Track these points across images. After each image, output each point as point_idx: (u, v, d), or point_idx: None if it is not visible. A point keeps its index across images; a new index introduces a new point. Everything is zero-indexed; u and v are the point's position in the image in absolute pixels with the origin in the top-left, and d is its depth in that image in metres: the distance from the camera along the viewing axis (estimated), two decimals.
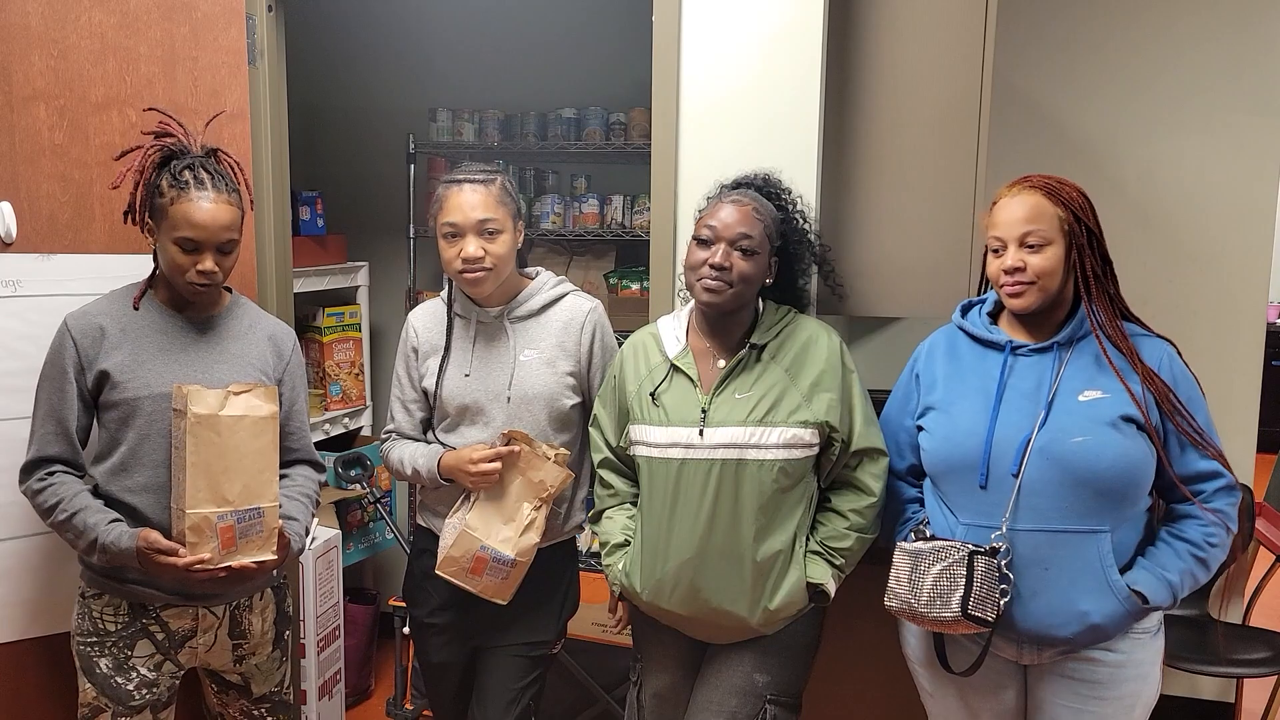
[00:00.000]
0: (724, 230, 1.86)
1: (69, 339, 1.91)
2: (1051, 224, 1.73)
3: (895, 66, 2.24)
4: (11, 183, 2.06)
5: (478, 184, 2.03)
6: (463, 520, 2.05)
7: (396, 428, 2.21)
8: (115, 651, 1.93)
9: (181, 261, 1.87)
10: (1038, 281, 1.74)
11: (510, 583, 2.06)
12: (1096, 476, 1.68)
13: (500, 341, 2.10)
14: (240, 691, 2.09)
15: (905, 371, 1.98)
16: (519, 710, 2.14)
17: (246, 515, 1.89)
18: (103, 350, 1.91)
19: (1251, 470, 3.09)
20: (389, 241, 3.71)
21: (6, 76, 2.05)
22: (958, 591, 1.71)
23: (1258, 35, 2.96)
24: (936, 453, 1.84)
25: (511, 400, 2.06)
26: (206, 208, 1.86)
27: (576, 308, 2.13)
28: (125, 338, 1.92)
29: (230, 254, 1.92)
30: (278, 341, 2.09)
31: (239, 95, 2.31)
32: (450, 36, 3.60)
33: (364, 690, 3.48)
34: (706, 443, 1.86)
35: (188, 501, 1.82)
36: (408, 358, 2.18)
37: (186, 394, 1.82)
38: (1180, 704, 3.20)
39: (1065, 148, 3.09)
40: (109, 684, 1.93)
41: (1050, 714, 1.80)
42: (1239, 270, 3.03)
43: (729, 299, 1.87)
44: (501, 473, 2.01)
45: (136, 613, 1.94)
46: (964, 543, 1.74)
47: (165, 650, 1.96)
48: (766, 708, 1.91)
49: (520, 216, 2.10)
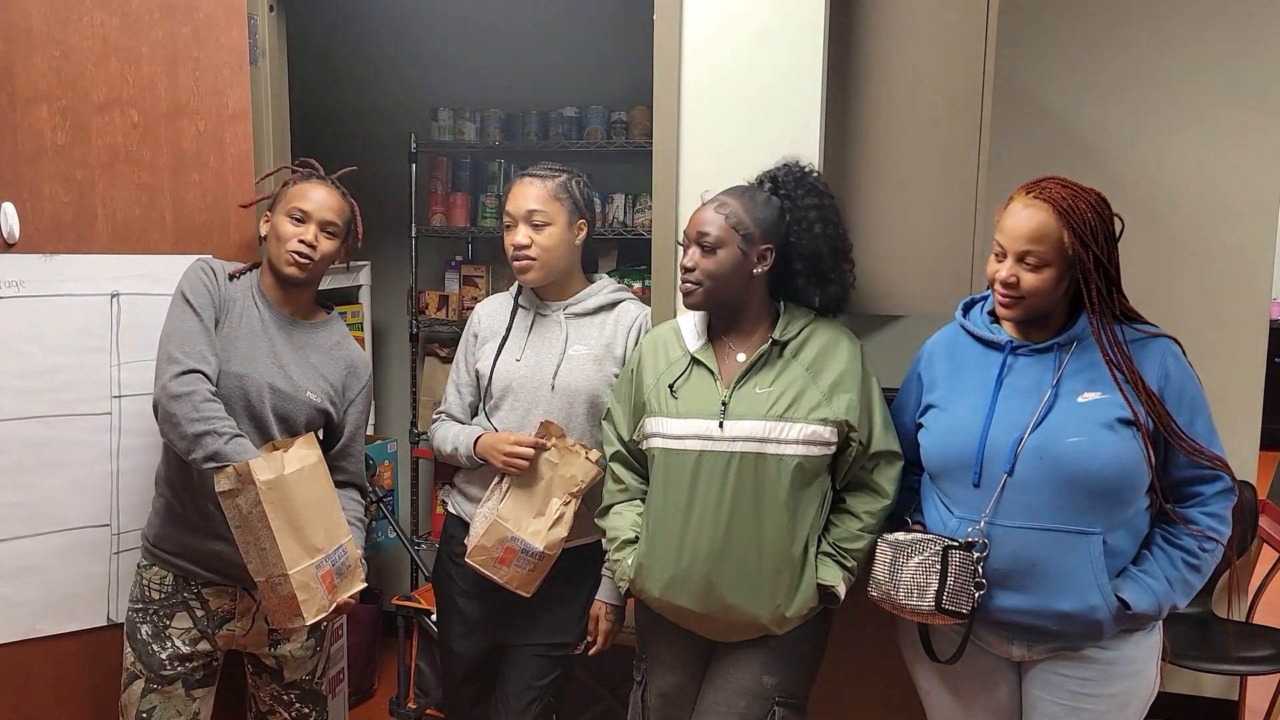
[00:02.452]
0: (689, 231, 1.91)
1: (210, 277, 2.01)
2: (1054, 248, 1.69)
3: (897, 64, 2.24)
4: (14, 183, 2.06)
5: (535, 178, 2.17)
6: (495, 510, 2.12)
7: (447, 408, 2.31)
8: (156, 620, 2.03)
9: (287, 230, 2.01)
10: (1027, 299, 1.73)
11: (536, 575, 2.11)
12: (1090, 477, 1.68)
13: (554, 334, 2.20)
14: (273, 675, 2.15)
15: (910, 370, 1.99)
16: (540, 708, 2.21)
17: (335, 555, 1.98)
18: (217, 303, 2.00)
19: (1255, 468, 3.08)
20: (391, 241, 3.71)
21: (9, 77, 2.05)
22: (933, 585, 1.74)
23: (1260, 31, 2.95)
24: (933, 450, 1.85)
25: (555, 389, 2.15)
26: (319, 188, 2.06)
27: (629, 313, 2.23)
28: (231, 307, 2.01)
29: (332, 239, 2.06)
30: (355, 369, 2.18)
31: (240, 95, 2.32)
32: (451, 36, 3.60)
33: (367, 689, 3.49)
34: (726, 435, 1.86)
35: (288, 564, 1.87)
36: (468, 343, 2.31)
37: (249, 468, 1.84)
38: (1183, 702, 3.20)
39: (1067, 144, 3.08)
40: (145, 650, 2.03)
41: (1044, 711, 1.80)
42: (1242, 267, 3.02)
43: (700, 297, 1.90)
44: (534, 465, 2.09)
45: (179, 585, 2.03)
46: (940, 536, 1.77)
47: (202, 627, 2.03)
48: (775, 709, 1.91)
49: (583, 215, 2.20)
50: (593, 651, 2.17)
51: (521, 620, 2.21)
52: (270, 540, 1.85)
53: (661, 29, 2.24)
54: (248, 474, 1.83)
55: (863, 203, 2.29)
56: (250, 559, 1.88)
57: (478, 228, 3.51)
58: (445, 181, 3.56)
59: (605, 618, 2.17)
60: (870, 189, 2.29)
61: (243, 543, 1.88)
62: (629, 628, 2.15)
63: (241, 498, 1.85)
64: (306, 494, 1.93)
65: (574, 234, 2.18)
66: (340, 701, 3.11)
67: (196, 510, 1.99)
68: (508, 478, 2.14)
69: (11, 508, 2.07)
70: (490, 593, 2.16)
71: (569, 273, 2.22)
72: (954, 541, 1.75)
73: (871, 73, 2.25)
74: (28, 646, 2.12)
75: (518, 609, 2.18)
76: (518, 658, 2.23)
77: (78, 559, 2.14)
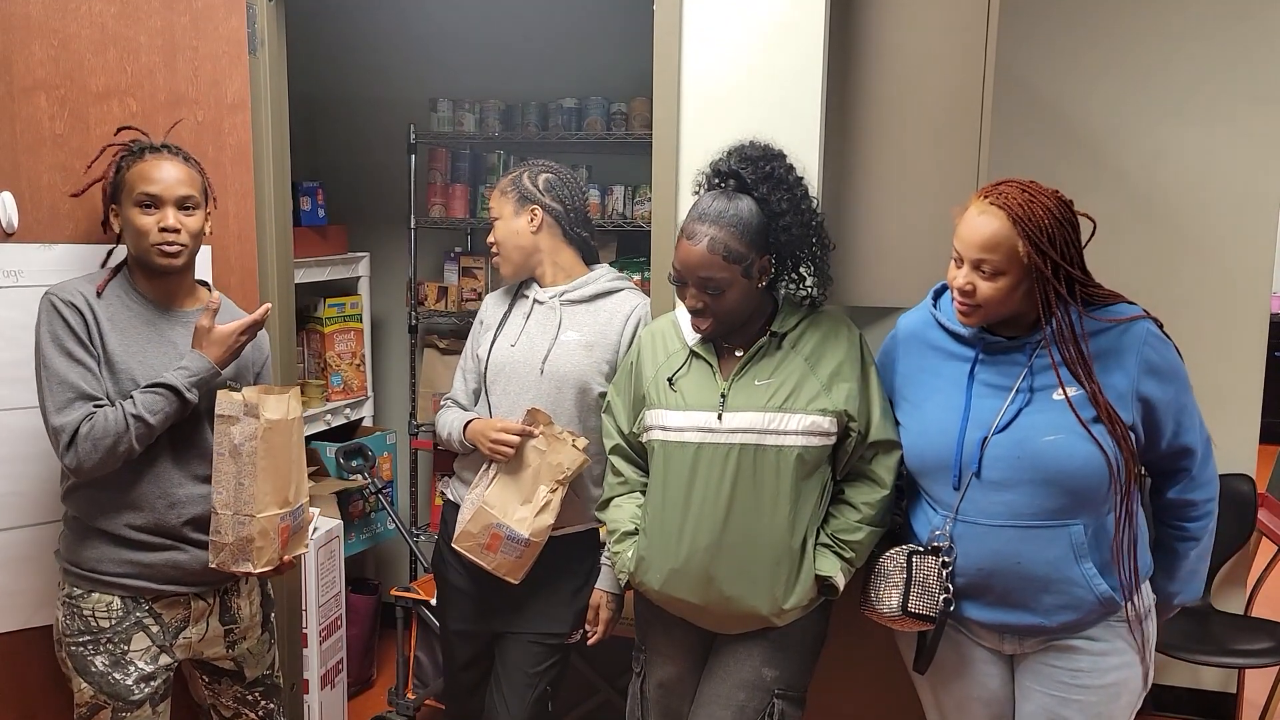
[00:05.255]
0: (687, 273, 1.85)
1: (67, 310, 1.86)
2: (1008, 255, 1.66)
3: (897, 56, 2.24)
4: (13, 172, 2.05)
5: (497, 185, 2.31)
6: (481, 497, 2.14)
7: (452, 394, 2.38)
8: (111, 647, 1.93)
9: (143, 223, 1.88)
10: (983, 307, 1.72)
11: (523, 562, 2.13)
12: (1068, 475, 1.68)
13: (549, 320, 2.24)
14: (234, 678, 2.11)
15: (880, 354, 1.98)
16: (535, 694, 2.22)
17: (296, 512, 1.97)
18: (96, 333, 1.88)
19: (1254, 462, 3.08)
20: (390, 232, 3.71)
21: (7, 66, 2.04)
22: (898, 590, 1.78)
23: (1260, 25, 2.95)
24: (911, 450, 1.87)
25: (544, 374, 2.18)
26: (163, 164, 1.90)
27: (626, 301, 2.26)
28: (113, 325, 1.90)
29: (193, 215, 1.91)
30: (256, 340, 2.08)
31: (239, 85, 2.31)
32: (451, 26, 3.59)
33: (366, 680, 3.49)
34: (725, 427, 1.86)
35: (259, 507, 1.86)
36: (475, 331, 2.38)
37: (259, 401, 1.84)
38: (1181, 694, 3.20)
39: (1067, 137, 3.08)
40: (106, 681, 1.92)
41: (1036, 702, 1.80)
42: (1242, 260, 3.03)
43: (716, 329, 1.88)
44: (522, 452, 2.12)
45: (129, 606, 1.94)
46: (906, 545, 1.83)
47: (160, 642, 1.97)
48: (774, 702, 1.92)
49: (534, 202, 2.24)
50: (592, 641, 2.17)
51: (513, 608, 2.24)
52: (252, 478, 1.85)
53: (662, 19, 2.23)
54: (255, 407, 1.84)
55: (864, 194, 2.29)
56: (221, 488, 1.87)
57: (477, 219, 3.51)
58: (444, 173, 3.56)
59: (606, 606, 2.18)
60: (871, 181, 2.28)
61: (220, 471, 1.87)
62: (627, 618, 2.15)
63: (237, 427, 1.85)
64: (291, 444, 1.93)
65: (527, 221, 2.24)
66: (339, 692, 3.11)
67: (136, 517, 1.91)
68: (495, 464, 2.16)
69: (9, 497, 2.06)
70: (484, 579, 2.18)
71: (552, 260, 2.27)
72: (919, 548, 1.80)
73: (873, 63, 2.25)
74: (25, 636, 2.12)
75: (509, 596, 2.21)
76: (512, 645, 2.25)
77: None
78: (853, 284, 2.30)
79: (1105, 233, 1.78)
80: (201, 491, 1.94)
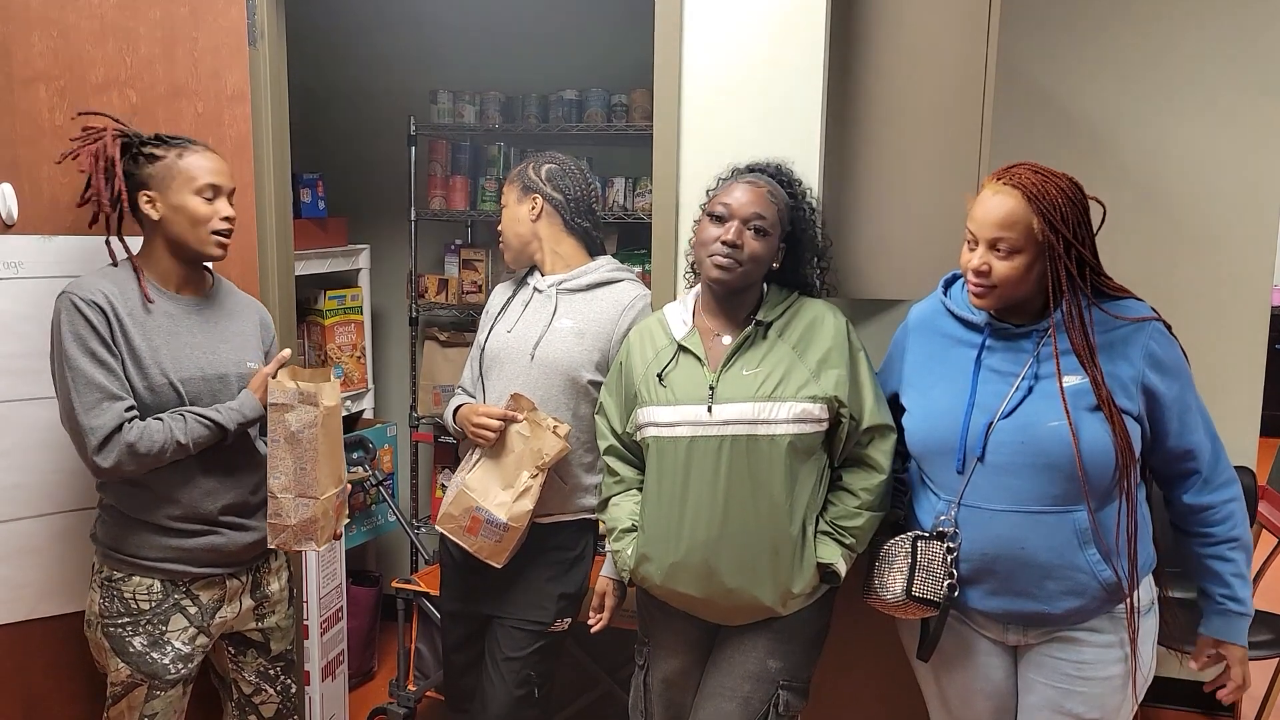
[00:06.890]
0: (738, 209, 1.87)
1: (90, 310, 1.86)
2: (1023, 233, 1.67)
3: (899, 49, 2.23)
4: (13, 164, 2.05)
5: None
6: (463, 480, 2.17)
7: (461, 382, 2.41)
8: (150, 629, 1.97)
9: (205, 211, 1.93)
10: (999, 287, 1.72)
11: (504, 546, 2.15)
12: (1071, 462, 1.68)
13: (545, 308, 2.27)
14: (259, 650, 2.15)
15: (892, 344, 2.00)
16: (520, 678, 2.24)
17: (342, 492, 2.07)
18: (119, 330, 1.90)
19: (1255, 455, 3.09)
20: (390, 224, 3.70)
21: (7, 57, 2.04)
22: (903, 575, 1.78)
23: (1261, 16, 2.94)
24: (915, 434, 1.87)
25: (535, 360, 2.20)
26: (215, 157, 1.96)
27: (624, 292, 2.26)
28: (134, 320, 1.91)
29: (231, 205, 1.98)
30: (262, 315, 2.17)
31: (239, 76, 2.30)
32: (451, 18, 3.58)
33: (367, 671, 3.50)
34: (715, 419, 1.86)
35: (320, 489, 1.94)
36: (483, 318, 2.41)
37: (317, 390, 1.92)
38: (1180, 686, 3.21)
39: (1069, 130, 3.07)
40: (144, 660, 1.97)
41: (1039, 693, 1.81)
42: (1243, 253, 3.02)
43: (738, 277, 1.88)
44: (505, 437, 2.14)
45: (168, 589, 1.98)
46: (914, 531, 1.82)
47: (198, 623, 2.02)
48: (779, 693, 1.92)
49: (535, 191, 2.29)
50: (596, 628, 2.16)
51: (500, 592, 2.27)
52: (314, 463, 1.93)
53: (662, 10, 2.23)
54: (313, 395, 1.91)
55: (866, 187, 2.29)
56: (280, 473, 1.93)
57: (477, 211, 3.50)
58: (445, 164, 3.55)
59: (612, 594, 2.16)
60: (873, 173, 2.28)
61: (276, 457, 1.93)
62: (627, 610, 2.15)
63: (293, 414, 1.92)
64: (336, 427, 2.02)
65: (528, 210, 2.28)
66: (340, 684, 3.12)
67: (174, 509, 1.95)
68: (479, 448, 2.19)
69: (12, 489, 2.07)
70: (474, 562, 2.21)
71: (552, 249, 2.29)
72: (924, 533, 1.80)
73: (875, 55, 2.24)
74: (29, 627, 2.13)
75: (497, 580, 2.25)
76: (498, 629, 2.28)
77: (79, 540, 2.13)
78: (855, 276, 2.30)
79: (1107, 225, 1.78)
80: (232, 478, 2.01)
